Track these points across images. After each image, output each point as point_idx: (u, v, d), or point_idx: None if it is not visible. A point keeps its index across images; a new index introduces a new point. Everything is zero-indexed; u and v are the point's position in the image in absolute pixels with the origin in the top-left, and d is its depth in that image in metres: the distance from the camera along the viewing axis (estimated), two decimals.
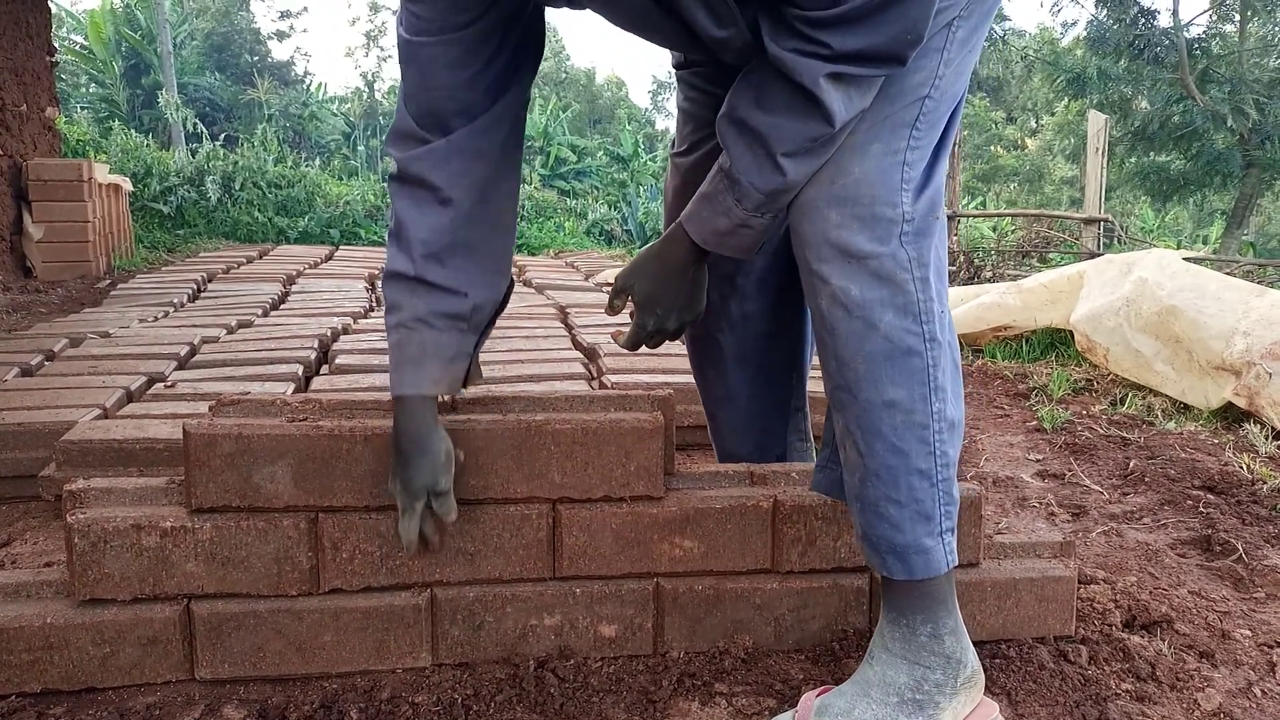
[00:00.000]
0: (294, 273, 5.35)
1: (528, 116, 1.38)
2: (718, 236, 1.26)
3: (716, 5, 1.14)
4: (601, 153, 16.92)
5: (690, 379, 2.49)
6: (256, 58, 31.63)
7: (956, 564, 1.25)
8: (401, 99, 1.27)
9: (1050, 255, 7.87)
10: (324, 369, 2.75)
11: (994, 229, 10.38)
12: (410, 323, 1.26)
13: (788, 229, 1.27)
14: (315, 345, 2.94)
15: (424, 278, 1.25)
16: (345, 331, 3.31)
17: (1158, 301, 3.33)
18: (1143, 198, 14.55)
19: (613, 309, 1.43)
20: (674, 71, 1.55)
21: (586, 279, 5.55)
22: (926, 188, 1.20)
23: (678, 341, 1.53)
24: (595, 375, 2.65)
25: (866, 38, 1.08)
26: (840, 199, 1.16)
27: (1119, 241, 8.14)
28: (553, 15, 1.29)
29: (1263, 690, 1.42)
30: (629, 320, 1.43)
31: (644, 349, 1.45)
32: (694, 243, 1.29)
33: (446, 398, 1.40)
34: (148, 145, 10.06)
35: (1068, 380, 3.56)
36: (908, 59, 1.12)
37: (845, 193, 1.16)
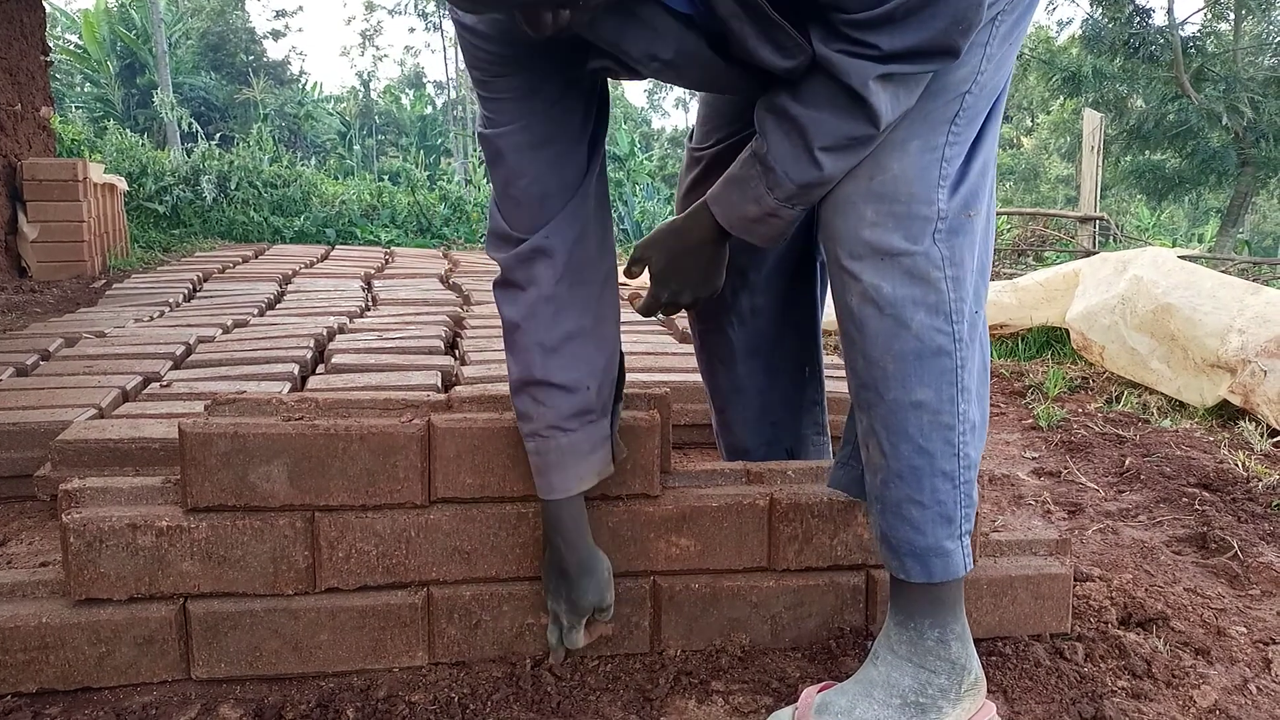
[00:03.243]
0: (290, 272, 5.34)
1: None
2: (745, 223, 1.24)
3: (779, 37, 1.10)
4: None
5: (687, 378, 2.50)
6: (252, 57, 31.59)
7: (972, 567, 1.25)
8: (493, 202, 1.30)
9: (1046, 254, 7.88)
10: (320, 368, 2.75)
11: None
12: (544, 431, 1.28)
13: (801, 224, 1.26)
14: (311, 345, 2.93)
15: (546, 380, 1.27)
16: (341, 331, 3.31)
17: (1153, 299, 3.34)
18: (1138, 196, 14.57)
19: (630, 274, 1.43)
20: None
21: None
22: (962, 184, 1.18)
23: (676, 340, 1.53)
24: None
25: (916, 34, 1.06)
26: (878, 195, 1.15)
27: (1114, 240, 8.15)
28: None
29: (1258, 687, 1.42)
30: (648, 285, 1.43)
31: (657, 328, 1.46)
32: (717, 224, 1.27)
33: (444, 395, 1.40)
34: (143, 145, 10.05)
35: (1063, 378, 3.57)
36: (960, 50, 1.09)
37: (883, 189, 1.15)
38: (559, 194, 1.26)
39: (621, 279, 1.39)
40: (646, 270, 1.41)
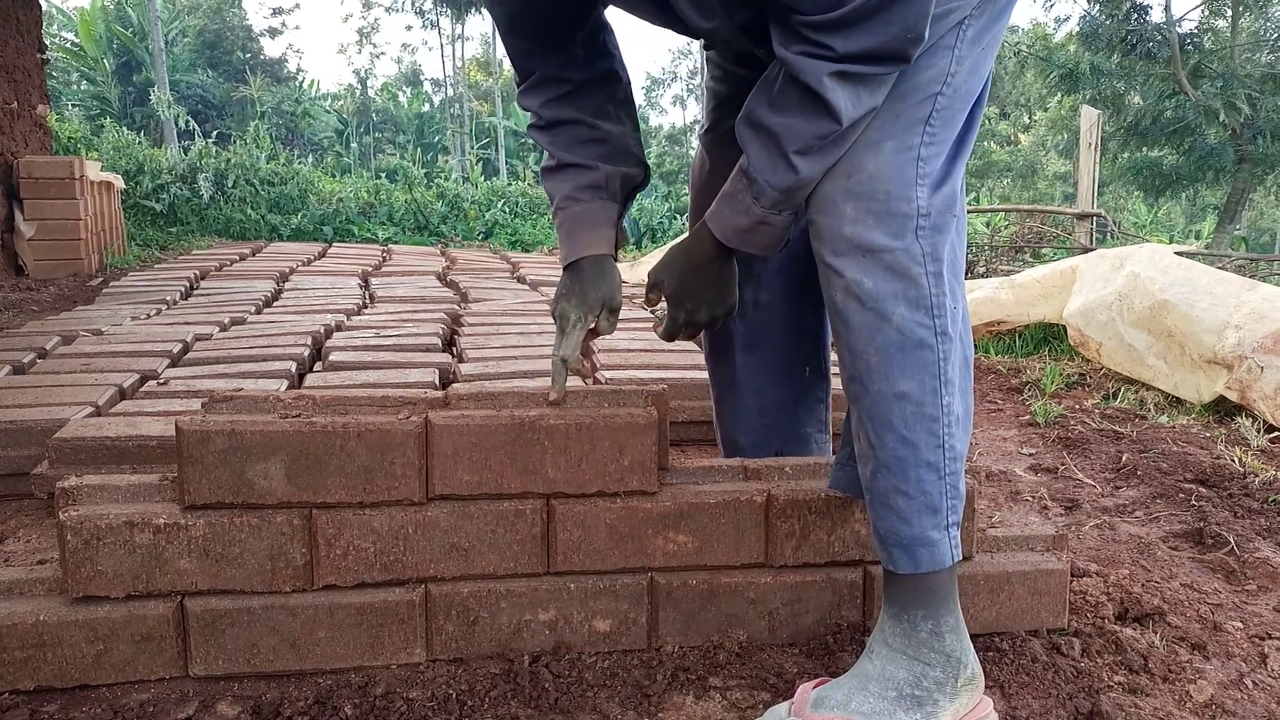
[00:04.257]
0: (287, 270, 5.33)
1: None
2: (739, 234, 1.30)
3: (700, 1, 1.22)
4: None
5: (685, 374, 2.51)
6: (248, 55, 31.56)
7: (961, 559, 1.26)
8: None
9: (1043, 250, 7.88)
10: (317, 366, 2.75)
11: (987, 224, 10.39)
12: (562, 202, 1.45)
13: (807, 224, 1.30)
14: (308, 342, 2.93)
15: (562, 162, 1.45)
16: (338, 328, 3.31)
17: (1150, 296, 3.34)
18: (1135, 193, 14.58)
19: (649, 302, 1.48)
20: (704, 52, 1.61)
21: None
22: (944, 184, 1.22)
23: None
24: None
25: (868, 39, 1.11)
26: (856, 194, 1.19)
27: (1112, 236, 8.16)
28: None
29: (1254, 682, 1.43)
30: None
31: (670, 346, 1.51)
32: (718, 240, 1.33)
33: (441, 393, 1.40)
34: (140, 143, 10.05)
35: (1060, 375, 3.57)
36: (911, 57, 1.14)
37: (860, 188, 1.19)
38: (536, 53, 1.42)
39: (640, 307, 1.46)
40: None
